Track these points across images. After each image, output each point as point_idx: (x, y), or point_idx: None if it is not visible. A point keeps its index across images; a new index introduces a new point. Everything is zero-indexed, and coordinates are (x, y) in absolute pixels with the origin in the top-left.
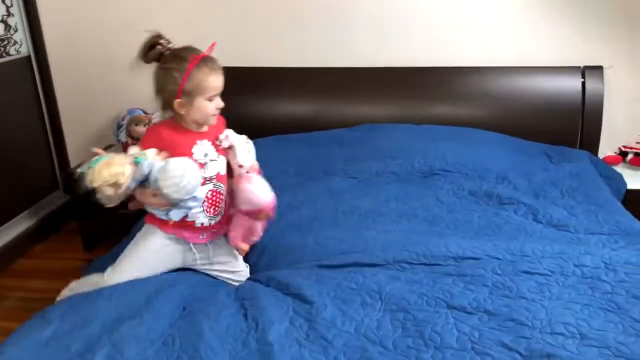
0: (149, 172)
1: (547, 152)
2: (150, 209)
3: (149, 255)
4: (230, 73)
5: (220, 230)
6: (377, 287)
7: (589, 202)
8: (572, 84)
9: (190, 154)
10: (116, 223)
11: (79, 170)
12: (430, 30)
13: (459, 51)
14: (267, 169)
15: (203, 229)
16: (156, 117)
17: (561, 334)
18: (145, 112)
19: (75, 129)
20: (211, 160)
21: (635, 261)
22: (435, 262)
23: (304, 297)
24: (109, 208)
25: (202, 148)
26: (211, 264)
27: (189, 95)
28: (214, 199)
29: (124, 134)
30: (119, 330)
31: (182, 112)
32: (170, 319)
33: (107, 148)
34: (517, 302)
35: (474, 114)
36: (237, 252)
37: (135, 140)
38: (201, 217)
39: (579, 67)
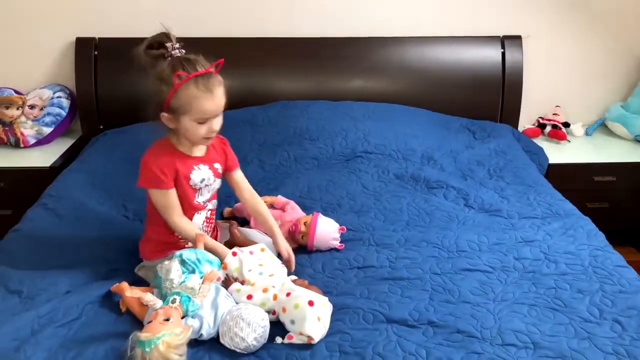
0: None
1: (469, 127)
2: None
3: None
4: (108, 43)
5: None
6: None
7: (517, 183)
8: (492, 55)
9: (187, 180)
10: None
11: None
12: None
13: (375, 20)
14: None
15: None
16: (32, 97)
17: (513, 344)
18: (17, 92)
19: None
20: (206, 186)
21: (574, 249)
22: (367, 264)
23: None
24: None
25: (200, 173)
26: None
27: (175, 112)
28: (210, 218)
29: None
30: None
31: (172, 127)
32: None
33: None
34: (462, 308)
35: (391, 87)
36: None
37: (7, 125)
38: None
39: (499, 36)
